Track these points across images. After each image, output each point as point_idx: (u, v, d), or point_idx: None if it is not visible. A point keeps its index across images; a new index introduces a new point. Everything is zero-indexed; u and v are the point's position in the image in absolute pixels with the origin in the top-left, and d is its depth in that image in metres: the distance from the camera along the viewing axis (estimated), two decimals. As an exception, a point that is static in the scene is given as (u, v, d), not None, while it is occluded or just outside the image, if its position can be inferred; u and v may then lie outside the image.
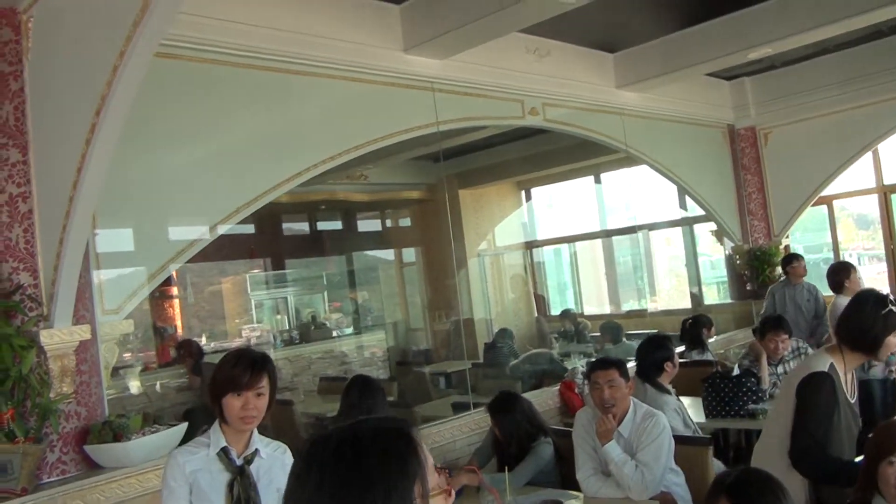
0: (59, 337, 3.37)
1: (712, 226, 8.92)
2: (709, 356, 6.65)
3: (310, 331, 9.69)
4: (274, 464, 2.70)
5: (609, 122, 6.97)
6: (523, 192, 11.16)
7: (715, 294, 10.16)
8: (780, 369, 5.59)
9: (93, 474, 3.40)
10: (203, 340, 8.86)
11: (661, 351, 4.86)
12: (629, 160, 7.86)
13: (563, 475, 4.33)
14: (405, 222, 11.45)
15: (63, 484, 3.32)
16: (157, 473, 3.44)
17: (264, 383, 2.61)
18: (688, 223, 9.73)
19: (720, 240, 9.06)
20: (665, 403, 4.61)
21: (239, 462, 2.64)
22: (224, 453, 2.63)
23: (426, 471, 1.27)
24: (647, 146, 7.44)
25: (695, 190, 8.14)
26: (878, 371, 5.81)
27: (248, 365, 2.58)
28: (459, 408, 5.72)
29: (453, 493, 1.33)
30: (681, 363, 5.11)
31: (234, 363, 2.60)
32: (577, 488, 3.95)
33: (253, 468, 2.65)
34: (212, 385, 2.62)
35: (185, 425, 3.60)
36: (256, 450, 2.68)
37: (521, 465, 4.14)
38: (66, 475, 3.39)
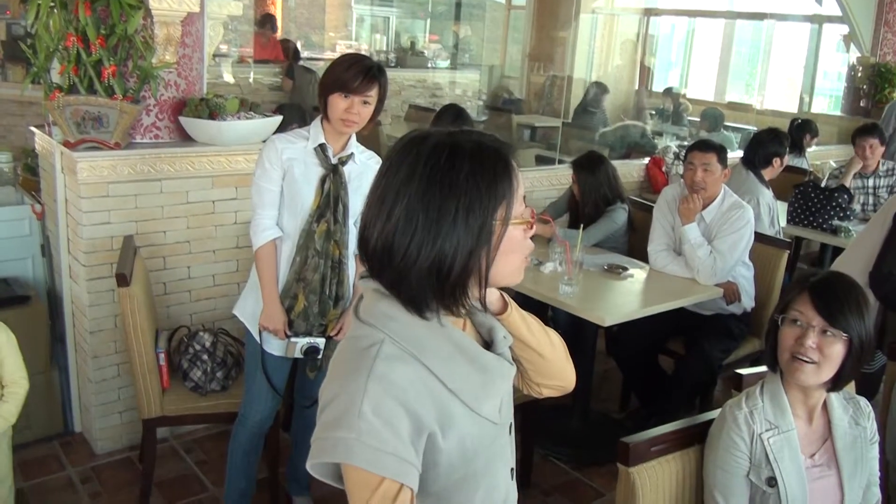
0: (167, 3, 3.31)
1: (842, 30, 8.30)
2: (804, 164, 6.43)
3: (406, 57, 9.54)
4: (366, 171, 2.74)
5: None
6: (656, -49, 10.35)
7: (824, 105, 9.65)
8: (870, 182, 5.42)
9: (184, 145, 3.49)
10: (298, 47, 8.77)
11: (775, 145, 4.75)
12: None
13: (632, 245, 4.35)
14: (523, -39, 10.80)
15: (155, 147, 3.42)
16: (246, 157, 3.53)
17: (373, 93, 2.58)
18: (818, 21, 9.06)
19: (847, 47, 8.44)
20: (762, 194, 4.54)
21: (334, 160, 2.67)
22: (321, 149, 2.66)
23: (514, 198, 1.23)
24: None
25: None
26: None
27: (361, 70, 2.54)
28: (542, 161, 5.67)
29: (534, 227, 1.30)
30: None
31: (348, 65, 2.55)
32: (644, 259, 3.98)
33: (346, 169, 2.69)
34: (322, 82, 2.61)
35: (279, 118, 3.62)
36: (352, 153, 2.71)
37: (594, 225, 4.15)
38: (158, 139, 3.48)
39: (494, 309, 1.37)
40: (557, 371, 1.50)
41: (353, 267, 2.80)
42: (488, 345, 1.35)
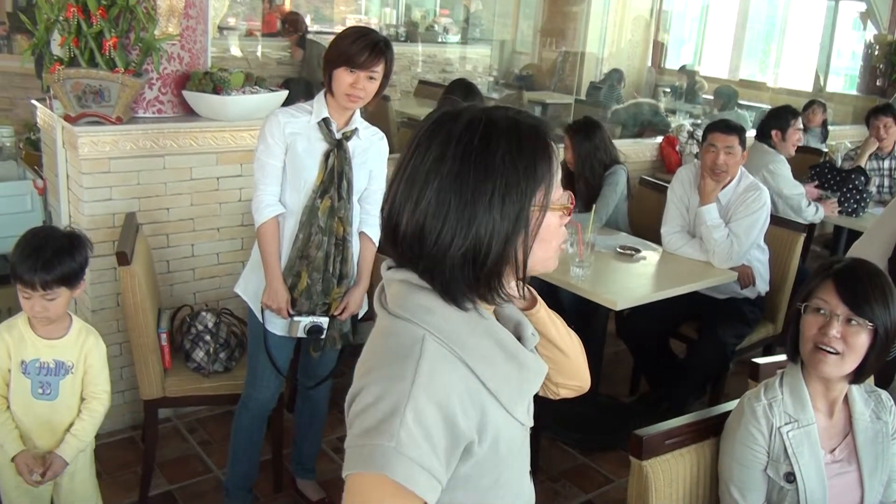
0: (170, -26, 3.23)
1: (859, 7, 8.15)
2: (821, 145, 6.33)
3: (416, 31, 9.41)
4: (370, 147, 2.68)
5: None
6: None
7: (839, 84, 9.50)
8: (886, 164, 5.33)
9: (188, 120, 3.41)
10: (307, 21, 8.65)
11: (775, 119, 4.76)
12: None
13: (631, 212, 4.30)
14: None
15: (158, 122, 3.34)
16: (251, 133, 3.44)
17: (379, 68, 2.51)
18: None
19: (864, 24, 8.29)
20: (779, 161, 4.60)
21: (338, 135, 2.60)
22: (325, 124, 2.59)
23: (553, 182, 1.14)
24: None
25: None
26: None
27: (368, 45, 2.46)
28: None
29: (571, 215, 1.21)
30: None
31: (354, 39, 2.48)
32: (647, 235, 3.90)
33: (350, 145, 2.62)
34: (327, 55, 2.53)
35: (285, 92, 3.54)
36: (357, 129, 2.64)
37: (600, 198, 4.03)
38: (161, 114, 3.40)
39: (523, 304, 1.30)
40: (577, 370, 1.43)
41: (357, 245, 2.74)
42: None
